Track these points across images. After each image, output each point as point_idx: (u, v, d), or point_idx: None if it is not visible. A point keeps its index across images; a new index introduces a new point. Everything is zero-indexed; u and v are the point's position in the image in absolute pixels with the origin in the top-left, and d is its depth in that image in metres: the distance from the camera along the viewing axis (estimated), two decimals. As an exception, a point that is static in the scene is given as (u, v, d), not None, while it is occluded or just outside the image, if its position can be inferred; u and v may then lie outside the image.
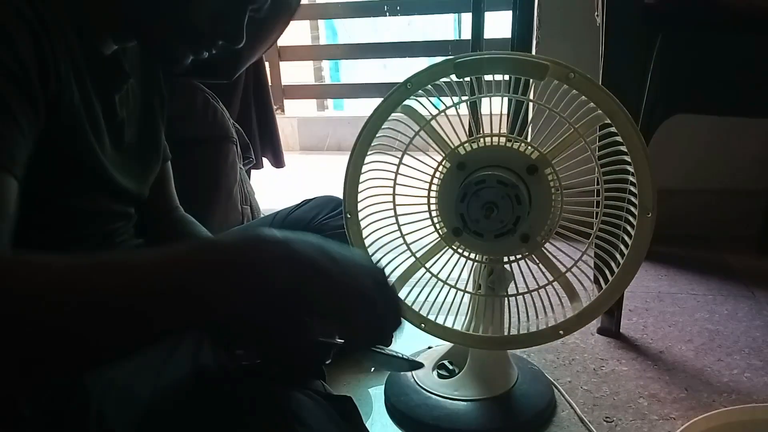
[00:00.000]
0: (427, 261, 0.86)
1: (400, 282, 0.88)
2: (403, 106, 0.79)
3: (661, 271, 1.44)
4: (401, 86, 0.77)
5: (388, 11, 2.66)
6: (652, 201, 0.75)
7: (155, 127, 0.80)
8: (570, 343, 1.11)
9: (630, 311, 1.23)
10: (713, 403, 0.93)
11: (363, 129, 0.80)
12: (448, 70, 0.75)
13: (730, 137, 1.60)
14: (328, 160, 2.88)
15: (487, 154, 0.78)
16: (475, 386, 0.91)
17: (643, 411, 0.91)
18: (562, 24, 1.57)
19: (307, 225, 1.02)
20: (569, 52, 1.48)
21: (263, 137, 1.54)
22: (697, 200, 1.64)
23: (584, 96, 0.73)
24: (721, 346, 1.10)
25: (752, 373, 1.01)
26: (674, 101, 1.04)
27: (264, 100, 1.52)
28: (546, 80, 0.73)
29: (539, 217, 0.79)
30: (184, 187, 0.93)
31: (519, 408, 0.89)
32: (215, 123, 1.27)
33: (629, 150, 0.74)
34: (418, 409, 0.88)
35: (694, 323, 1.19)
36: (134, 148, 0.74)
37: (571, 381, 1.00)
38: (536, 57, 0.73)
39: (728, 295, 1.31)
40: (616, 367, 1.04)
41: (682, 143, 1.59)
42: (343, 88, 3.45)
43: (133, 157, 0.74)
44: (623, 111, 0.72)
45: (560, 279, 0.82)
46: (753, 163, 1.61)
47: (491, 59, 0.74)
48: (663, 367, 1.04)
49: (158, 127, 0.81)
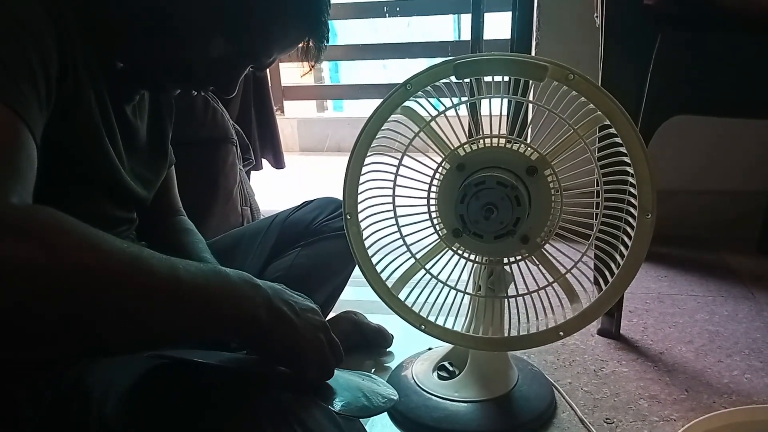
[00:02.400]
0: (426, 262, 0.86)
1: (400, 283, 0.88)
2: (403, 108, 0.79)
3: (661, 272, 1.44)
4: (401, 87, 0.77)
5: (387, 12, 2.66)
6: (652, 202, 0.75)
7: (163, 132, 0.80)
8: (570, 345, 1.11)
9: (630, 312, 1.23)
10: (713, 405, 0.93)
11: (363, 130, 0.80)
12: (447, 72, 0.75)
13: (730, 138, 1.60)
14: (327, 161, 2.88)
15: (486, 156, 0.78)
16: (476, 387, 0.91)
17: (643, 412, 0.91)
18: (561, 25, 1.57)
19: (307, 226, 1.02)
20: (569, 53, 1.48)
21: (264, 138, 1.54)
22: (697, 201, 1.64)
23: (584, 97, 0.73)
24: (722, 347, 1.10)
25: (752, 374, 1.01)
26: (674, 102, 1.04)
27: (264, 101, 1.52)
28: (545, 81, 0.73)
29: (539, 218, 0.79)
30: (184, 188, 0.93)
31: (519, 409, 0.89)
32: (215, 124, 1.28)
33: (629, 151, 0.74)
34: (418, 411, 0.88)
35: (694, 324, 1.19)
36: (144, 153, 0.75)
37: (571, 382, 1.00)
38: (536, 58, 0.73)
39: (728, 296, 1.30)
40: (616, 368, 1.04)
41: (681, 144, 1.59)
42: (342, 89, 3.45)
43: (142, 162, 0.74)
44: (623, 112, 0.72)
45: (560, 280, 0.82)
46: (753, 164, 1.61)
47: (491, 60, 0.74)
48: (663, 368, 1.04)
49: (166, 132, 0.81)
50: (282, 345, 0.56)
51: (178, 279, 0.48)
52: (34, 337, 0.42)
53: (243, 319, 0.53)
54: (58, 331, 0.42)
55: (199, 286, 0.49)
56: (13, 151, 0.47)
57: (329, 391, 0.61)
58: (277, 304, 0.56)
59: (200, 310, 0.50)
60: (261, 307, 0.54)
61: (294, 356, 0.58)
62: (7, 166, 0.46)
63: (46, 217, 0.43)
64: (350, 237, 0.85)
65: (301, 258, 0.96)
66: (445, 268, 0.85)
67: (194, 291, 0.49)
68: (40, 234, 0.41)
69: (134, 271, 0.45)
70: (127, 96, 0.68)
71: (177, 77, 0.66)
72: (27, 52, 0.50)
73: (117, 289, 0.44)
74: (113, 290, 0.44)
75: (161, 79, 0.66)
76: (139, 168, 0.73)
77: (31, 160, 0.48)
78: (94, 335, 0.45)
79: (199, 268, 0.51)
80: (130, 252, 0.45)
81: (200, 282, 0.50)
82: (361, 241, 0.85)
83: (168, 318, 0.48)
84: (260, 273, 0.94)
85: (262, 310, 0.54)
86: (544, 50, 1.58)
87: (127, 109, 0.69)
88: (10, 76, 0.48)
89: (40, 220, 0.43)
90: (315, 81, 3.63)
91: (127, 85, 0.67)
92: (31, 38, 0.51)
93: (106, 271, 0.43)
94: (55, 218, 0.43)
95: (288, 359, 0.58)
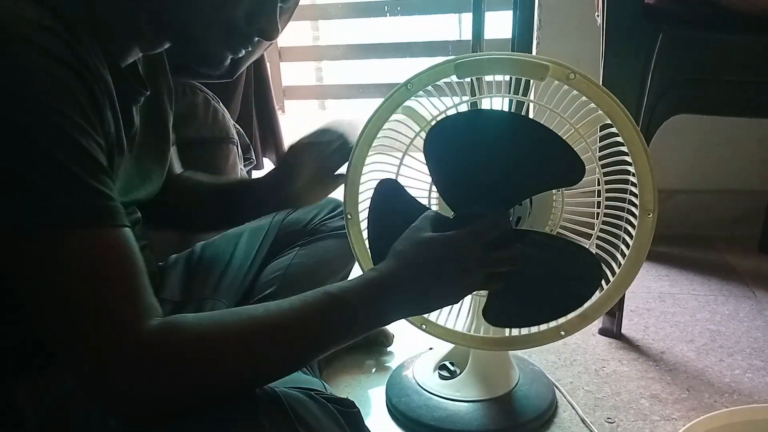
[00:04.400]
0: (427, 262, 0.85)
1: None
2: (404, 107, 0.78)
3: (662, 272, 1.44)
4: (402, 87, 0.77)
5: (388, 11, 2.66)
6: (653, 201, 0.75)
7: (165, 117, 0.79)
8: (571, 344, 1.11)
9: (631, 312, 1.23)
10: (715, 404, 0.93)
11: (363, 129, 0.80)
12: (448, 71, 0.75)
13: (731, 137, 1.59)
14: (328, 160, 2.88)
15: (487, 155, 0.78)
16: (477, 387, 0.91)
17: (644, 411, 0.91)
18: (562, 24, 1.57)
19: (305, 225, 1.01)
20: (570, 53, 1.48)
21: (265, 138, 1.54)
22: (698, 200, 1.64)
23: (585, 96, 0.73)
24: (723, 346, 1.10)
25: (754, 374, 1.01)
26: (675, 101, 1.04)
27: (266, 100, 1.52)
28: (546, 81, 0.73)
29: (540, 217, 0.79)
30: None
31: (520, 409, 0.89)
32: (216, 124, 1.27)
33: (630, 150, 0.74)
34: (419, 410, 0.88)
35: (695, 324, 1.19)
36: (146, 149, 0.73)
37: (572, 382, 1.00)
38: (537, 57, 0.73)
39: (729, 296, 1.30)
40: (617, 367, 1.04)
41: (683, 143, 1.59)
42: (343, 89, 3.45)
43: (143, 159, 0.73)
44: (624, 111, 0.72)
45: (561, 279, 0.82)
46: (754, 163, 1.61)
47: (492, 60, 0.74)
48: (664, 367, 1.04)
49: (168, 116, 0.80)
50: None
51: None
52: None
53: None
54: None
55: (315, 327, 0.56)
56: (127, 273, 0.50)
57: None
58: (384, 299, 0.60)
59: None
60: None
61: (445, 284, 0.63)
62: (130, 293, 0.49)
63: (175, 340, 0.49)
64: (351, 237, 0.85)
65: (299, 257, 0.95)
66: (446, 267, 0.85)
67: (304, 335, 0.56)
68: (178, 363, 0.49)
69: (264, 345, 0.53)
70: (133, 98, 0.67)
71: (225, 38, 0.64)
72: (83, 139, 0.49)
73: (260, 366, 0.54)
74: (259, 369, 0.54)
75: (212, 46, 0.65)
76: (138, 164, 0.72)
77: (138, 259, 0.51)
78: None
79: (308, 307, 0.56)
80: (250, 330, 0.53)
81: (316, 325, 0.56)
82: (362, 240, 0.85)
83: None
84: (259, 272, 0.94)
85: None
86: (545, 50, 1.58)
87: (133, 110, 0.68)
88: (92, 191, 0.49)
89: (173, 344, 0.49)
90: (315, 80, 3.62)
91: (132, 85, 0.66)
92: (77, 125, 0.49)
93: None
94: (182, 338, 0.49)
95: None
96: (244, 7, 0.63)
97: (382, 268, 0.62)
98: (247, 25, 0.64)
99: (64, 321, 0.47)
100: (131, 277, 0.50)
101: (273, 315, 0.54)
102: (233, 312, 0.54)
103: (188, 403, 0.51)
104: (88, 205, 0.48)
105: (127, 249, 0.50)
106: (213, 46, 0.65)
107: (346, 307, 0.57)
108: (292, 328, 0.54)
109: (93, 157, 0.50)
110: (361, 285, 0.60)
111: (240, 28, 0.64)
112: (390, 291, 0.60)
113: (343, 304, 0.57)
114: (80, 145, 0.49)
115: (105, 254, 0.49)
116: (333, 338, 0.57)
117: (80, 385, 0.50)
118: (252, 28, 0.65)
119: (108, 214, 0.50)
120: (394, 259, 0.63)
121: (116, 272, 0.49)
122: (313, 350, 0.57)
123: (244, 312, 0.54)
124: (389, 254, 0.64)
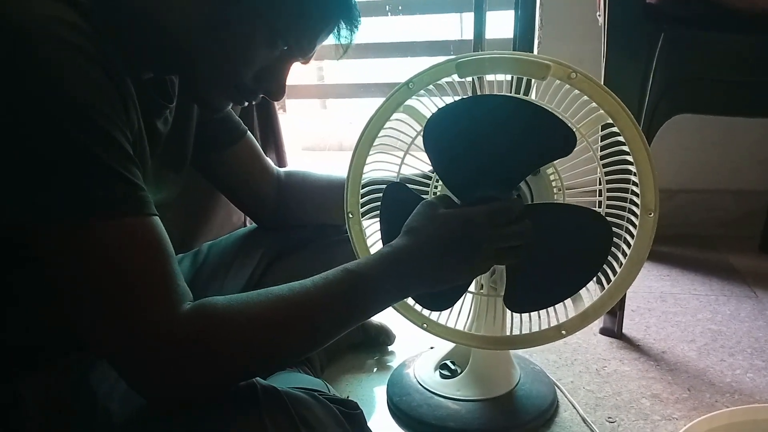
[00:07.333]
0: (429, 261, 0.85)
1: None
2: (405, 106, 0.78)
3: (663, 272, 1.44)
4: (403, 86, 0.77)
5: (389, 11, 2.65)
6: (655, 201, 0.75)
7: (188, 129, 0.79)
8: (572, 344, 1.11)
9: (632, 311, 1.23)
10: (716, 404, 0.93)
11: (365, 129, 0.80)
12: (450, 70, 0.75)
13: (733, 137, 1.59)
14: (329, 159, 2.88)
15: (489, 154, 0.78)
16: (478, 386, 0.91)
17: (645, 411, 0.91)
18: (563, 24, 1.57)
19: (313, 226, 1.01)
20: (571, 52, 1.48)
21: (266, 137, 1.54)
22: (699, 200, 1.64)
23: (586, 96, 0.73)
24: (724, 346, 1.10)
25: (755, 374, 1.01)
26: (676, 101, 1.04)
27: (266, 100, 1.52)
28: (548, 80, 0.73)
29: (541, 217, 0.79)
30: (186, 188, 0.93)
31: (521, 408, 0.89)
32: (217, 123, 1.27)
33: (631, 150, 0.74)
34: (420, 409, 0.88)
35: (696, 323, 1.19)
36: (166, 157, 0.73)
37: (573, 381, 1.00)
38: (538, 57, 0.73)
39: (731, 296, 1.30)
40: (618, 367, 1.04)
41: (684, 143, 1.59)
42: (344, 88, 3.45)
43: (166, 163, 0.73)
44: (625, 111, 0.72)
45: (562, 279, 0.82)
46: (756, 163, 1.61)
47: (493, 59, 0.74)
48: (665, 367, 1.04)
49: (191, 128, 0.80)
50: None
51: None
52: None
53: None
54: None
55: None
56: (160, 260, 0.51)
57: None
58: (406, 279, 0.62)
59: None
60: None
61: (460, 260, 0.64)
62: (164, 278, 0.51)
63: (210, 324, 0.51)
64: (352, 236, 0.85)
65: (306, 258, 0.95)
66: (447, 266, 0.85)
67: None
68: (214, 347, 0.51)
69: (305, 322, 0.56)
70: (158, 110, 0.67)
71: (230, 93, 0.65)
72: (114, 132, 0.50)
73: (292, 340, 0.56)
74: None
75: (215, 96, 0.65)
76: (162, 170, 0.72)
77: (169, 246, 0.53)
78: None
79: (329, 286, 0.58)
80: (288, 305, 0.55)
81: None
82: (363, 240, 0.85)
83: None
84: (264, 273, 0.94)
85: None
86: (547, 49, 1.58)
87: (157, 122, 0.68)
88: (125, 181, 0.50)
89: (209, 329, 0.51)
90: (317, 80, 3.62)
91: (156, 98, 0.66)
92: (108, 118, 0.50)
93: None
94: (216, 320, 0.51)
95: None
96: (254, 68, 0.63)
97: (397, 243, 0.63)
98: (254, 83, 0.65)
99: (102, 308, 0.49)
100: (164, 262, 0.51)
101: (298, 294, 0.55)
102: (260, 293, 0.55)
103: (222, 383, 0.53)
104: (122, 195, 0.50)
105: (159, 236, 0.52)
106: (216, 94, 0.65)
107: (367, 282, 0.59)
108: (317, 305, 0.56)
109: (124, 148, 0.51)
110: (378, 260, 0.61)
111: (246, 85, 0.64)
112: (408, 264, 0.61)
113: (364, 279, 0.58)
114: (112, 137, 0.50)
115: (139, 242, 0.50)
116: (356, 313, 0.59)
117: (116, 369, 0.51)
118: (258, 87, 0.66)
119: (141, 203, 0.51)
120: (409, 234, 0.64)
121: (151, 259, 0.50)
122: (338, 325, 0.58)
123: (270, 293, 0.55)
124: (402, 232, 0.65)
